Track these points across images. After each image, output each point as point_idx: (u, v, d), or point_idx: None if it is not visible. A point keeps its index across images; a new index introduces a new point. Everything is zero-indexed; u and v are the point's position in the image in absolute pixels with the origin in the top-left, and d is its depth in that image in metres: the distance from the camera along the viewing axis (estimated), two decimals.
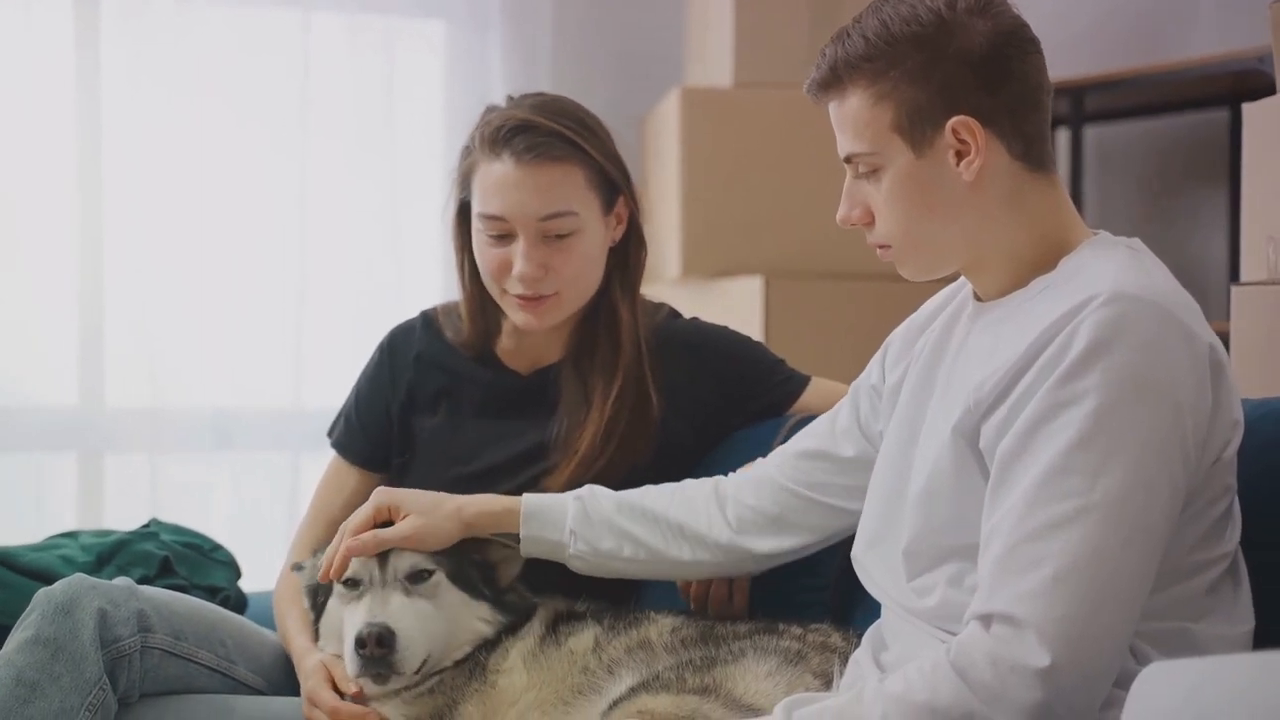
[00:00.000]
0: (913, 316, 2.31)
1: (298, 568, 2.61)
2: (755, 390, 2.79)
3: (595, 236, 2.69)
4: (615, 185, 2.71)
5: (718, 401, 2.78)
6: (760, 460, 2.51)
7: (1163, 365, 1.89)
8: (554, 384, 2.77)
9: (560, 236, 2.65)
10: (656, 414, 2.72)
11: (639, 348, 2.74)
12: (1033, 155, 2.05)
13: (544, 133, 2.63)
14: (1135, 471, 1.87)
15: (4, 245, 4.18)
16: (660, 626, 2.41)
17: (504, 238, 2.66)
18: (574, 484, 2.60)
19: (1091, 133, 4.72)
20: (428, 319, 2.89)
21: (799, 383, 2.81)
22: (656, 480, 2.61)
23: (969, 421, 2.00)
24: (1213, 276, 4.47)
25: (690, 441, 2.77)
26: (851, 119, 2.07)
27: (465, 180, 2.71)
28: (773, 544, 2.44)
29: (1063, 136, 4.63)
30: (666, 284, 4.43)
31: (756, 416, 2.79)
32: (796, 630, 2.35)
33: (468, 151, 2.71)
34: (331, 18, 4.59)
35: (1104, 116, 4.69)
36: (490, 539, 2.51)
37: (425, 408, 2.82)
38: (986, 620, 1.88)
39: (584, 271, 2.69)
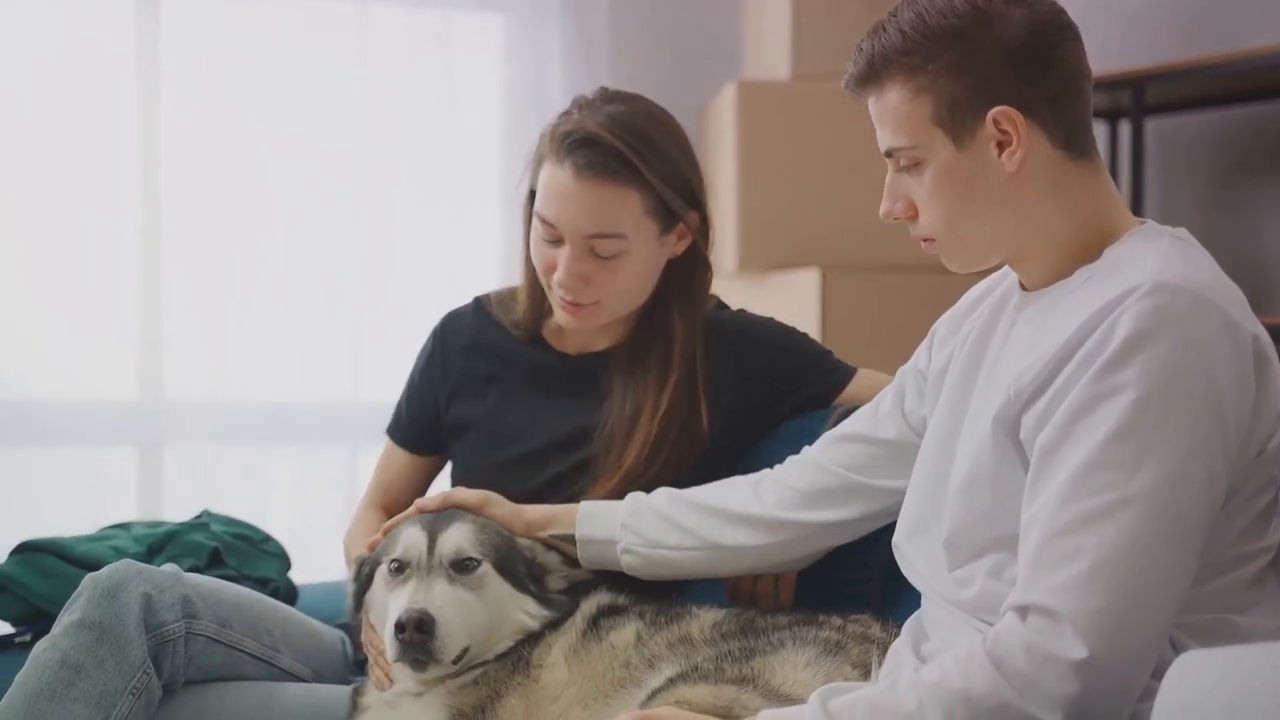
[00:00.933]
0: (958, 303, 2.30)
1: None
2: (802, 381, 2.78)
3: (645, 257, 2.68)
4: (679, 208, 2.68)
5: (764, 392, 2.77)
6: (806, 448, 2.52)
7: (1203, 357, 1.87)
8: (601, 371, 2.78)
9: (606, 256, 2.64)
10: (705, 430, 2.71)
11: (693, 365, 2.73)
12: (1075, 143, 2.03)
13: (607, 151, 2.61)
14: (1174, 464, 1.85)
15: (66, 242, 4.21)
16: (702, 621, 2.41)
17: (554, 240, 2.66)
18: (618, 495, 2.62)
19: (1154, 125, 4.67)
20: (479, 304, 2.92)
21: (845, 373, 2.80)
22: (703, 479, 2.62)
23: (1010, 412, 1.99)
24: (1277, 268, 4.42)
25: (735, 436, 2.76)
26: (891, 113, 2.06)
27: (535, 170, 2.71)
28: (818, 515, 2.44)
29: (1124, 129, 4.60)
30: (723, 277, 4.41)
31: (802, 408, 2.78)
32: (837, 621, 2.34)
33: (542, 140, 2.71)
34: (390, 11, 4.60)
35: (1166, 108, 4.64)
36: (544, 541, 2.52)
37: (475, 392, 2.84)
38: (1023, 611, 1.87)
39: (627, 288, 2.69)
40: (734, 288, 4.36)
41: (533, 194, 2.72)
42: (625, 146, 2.61)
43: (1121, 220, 2.06)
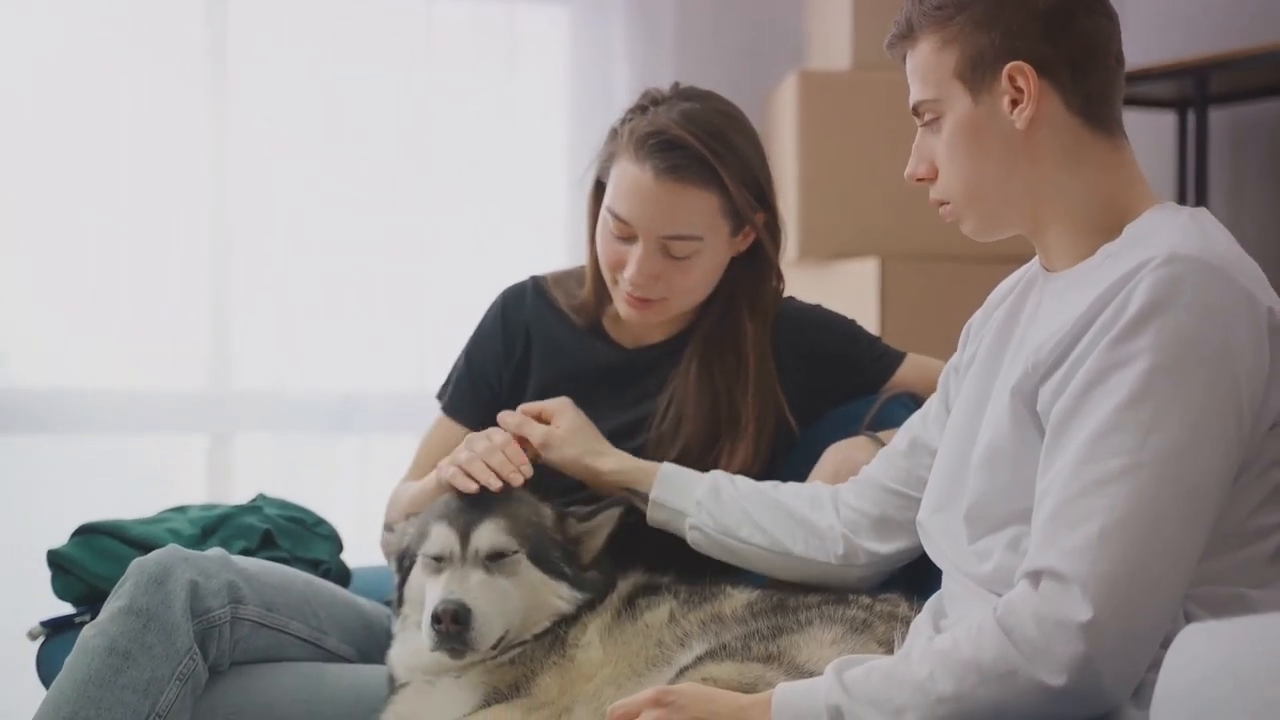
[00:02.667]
0: (988, 299, 2.32)
1: (388, 529, 2.64)
2: (853, 367, 2.81)
3: (716, 257, 2.71)
4: (748, 210, 2.69)
5: (818, 379, 2.79)
6: (865, 467, 2.52)
7: (1217, 327, 1.89)
8: (657, 363, 2.80)
9: (679, 256, 2.66)
10: (795, 428, 2.75)
11: (767, 364, 2.76)
12: (1095, 115, 2.05)
13: (691, 154, 2.62)
14: (1186, 431, 1.87)
15: (137, 236, 4.27)
16: (735, 600, 2.44)
17: (626, 238, 2.68)
18: None
19: (1218, 114, 4.63)
20: (538, 285, 2.92)
21: (894, 359, 2.82)
22: (756, 465, 2.66)
23: (1028, 384, 2.01)
24: None
25: (788, 423, 2.79)
26: (920, 67, 2.11)
27: (606, 164, 2.72)
28: (882, 546, 2.45)
29: (1190, 119, 4.56)
30: (784, 266, 4.42)
31: (853, 394, 2.80)
32: (865, 600, 2.37)
33: (614, 135, 2.71)
34: (455, 3, 4.63)
35: (1231, 97, 4.60)
36: (568, 515, 2.54)
37: (533, 378, 2.86)
38: (1035, 577, 1.90)
39: (696, 285, 2.71)
40: (794, 277, 4.35)
41: (600, 186, 2.74)
42: (707, 150, 2.63)
43: (1141, 199, 2.08)
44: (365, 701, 2.53)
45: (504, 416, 2.66)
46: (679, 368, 2.77)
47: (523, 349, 2.88)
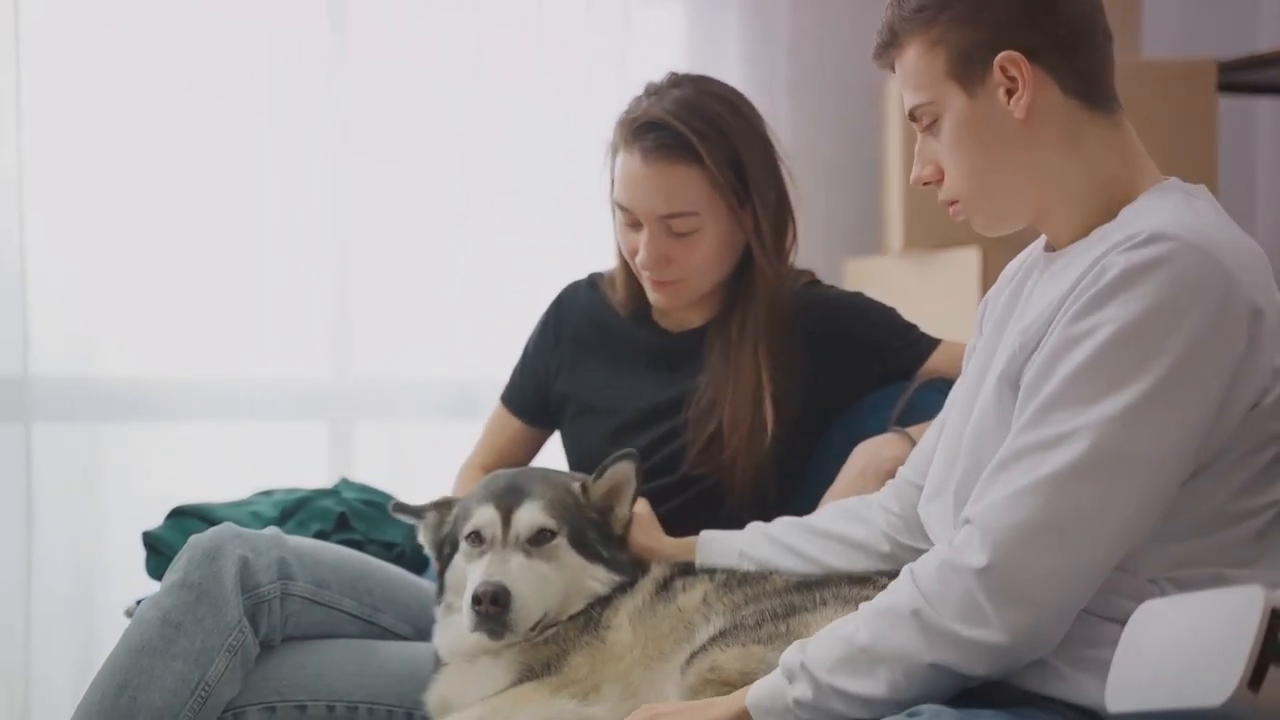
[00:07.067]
0: (999, 278, 2.33)
1: (418, 515, 2.69)
2: (887, 352, 2.85)
3: (720, 231, 2.77)
4: (735, 186, 2.75)
5: (854, 364, 2.84)
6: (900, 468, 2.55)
7: (1184, 302, 1.88)
8: (698, 345, 2.87)
9: (682, 233, 2.73)
10: (796, 409, 2.80)
11: (773, 343, 2.80)
12: (1089, 93, 2.06)
13: (670, 133, 2.71)
14: (1133, 402, 1.87)
15: (264, 234, 4.36)
16: (773, 583, 2.47)
17: (633, 225, 2.76)
18: (708, 462, 2.72)
19: None
20: (592, 280, 3.04)
21: (929, 345, 2.85)
22: (793, 449, 2.70)
23: (1014, 367, 2.03)
24: None
25: (824, 407, 2.83)
26: (911, 72, 2.13)
27: (610, 161, 2.83)
28: (925, 543, 2.44)
29: None
30: (890, 256, 4.47)
31: (888, 379, 2.84)
32: (884, 581, 2.39)
33: (615, 130, 2.82)
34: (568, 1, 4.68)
35: None
36: (586, 481, 2.62)
37: (581, 366, 2.95)
38: (959, 529, 1.94)
39: (707, 262, 2.77)
40: (899, 267, 4.40)
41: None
42: (686, 127, 2.71)
43: (1143, 176, 2.08)
44: (416, 677, 2.60)
45: None
46: (713, 349, 2.83)
47: (571, 339, 2.96)
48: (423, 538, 2.68)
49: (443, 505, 2.67)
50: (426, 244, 4.55)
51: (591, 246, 4.64)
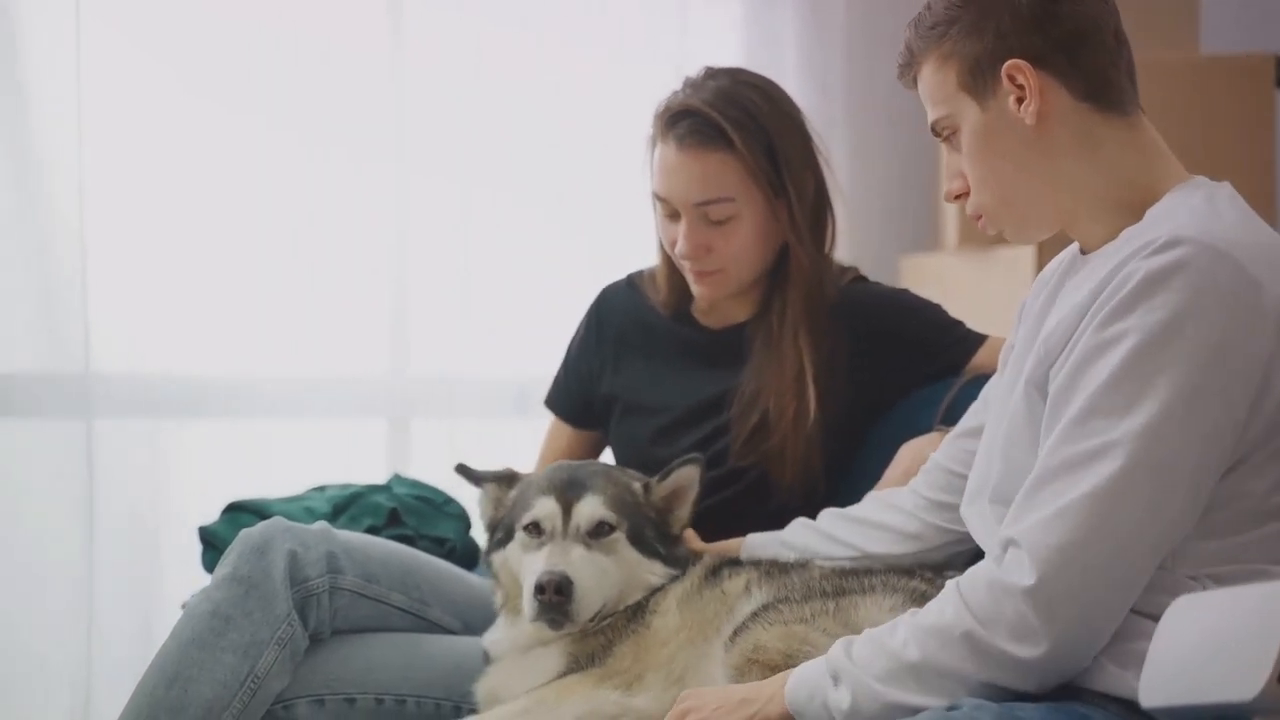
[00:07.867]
0: (1037, 279, 2.34)
1: (478, 481, 2.72)
2: (936, 349, 2.85)
3: (757, 220, 2.78)
4: (768, 173, 2.76)
5: (901, 361, 2.84)
6: (933, 454, 2.57)
7: (1209, 306, 1.89)
8: (741, 340, 2.88)
9: (719, 221, 2.74)
10: (836, 406, 2.80)
11: (814, 337, 2.81)
12: (1100, 96, 2.07)
13: (701, 119, 2.73)
14: (1164, 411, 1.88)
15: (322, 230, 4.40)
16: (818, 570, 2.51)
17: (672, 216, 2.78)
18: (752, 454, 2.72)
19: None
20: (632, 281, 3.05)
21: (975, 341, 2.85)
22: (841, 444, 2.73)
23: (1040, 371, 2.04)
24: None
25: (871, 403, 2.84)
26: (928, 88, 2.16)
27: (649, 155, 2.85)
28: (956, 525, 2.47)
29: None
30: (946, 252, 4.47)
31: (935, 376, 2.84)
32: (929, 574, 2.42)
33: (652, 124, 2.83)
34: None
35: None
36: (649, 481, 2.63)
37: (625, 367, 2.96)
38: (1004, 548, 1.94)
39: (746, 250, 2.78)
40: (955, 263, 4.40)
41: None
42: (718, 114, 2.73)
43: (1166, 176, 2.08)
44: (463, 670, 2.64)
45: None
46: (755, 341, 2.84)
47: (613, 340, 2.98)
48: (479, 508, 2.71)
49: (504, 479, 2.70)
50: (486, 242, 4.56)
51: (650, 245, 4.66)
